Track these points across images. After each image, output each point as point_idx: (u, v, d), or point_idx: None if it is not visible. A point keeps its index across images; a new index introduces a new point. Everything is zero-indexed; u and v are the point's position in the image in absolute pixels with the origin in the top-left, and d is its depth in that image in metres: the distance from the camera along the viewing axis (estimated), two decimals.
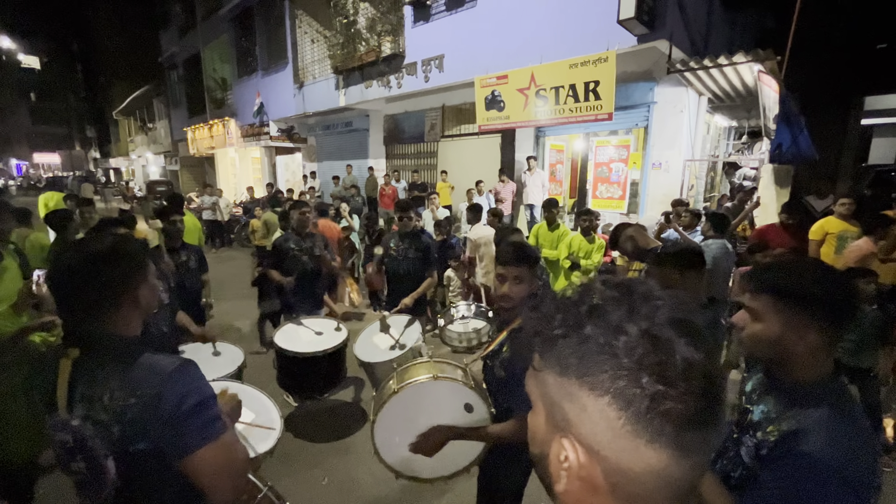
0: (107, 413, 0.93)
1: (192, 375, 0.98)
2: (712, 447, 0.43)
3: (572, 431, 0.43)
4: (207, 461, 0.94)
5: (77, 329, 1.00)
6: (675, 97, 6.24)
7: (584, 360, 0.42)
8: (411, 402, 1.73)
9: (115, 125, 31.30)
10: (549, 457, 0.46)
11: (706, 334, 0.43)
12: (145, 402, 0.92)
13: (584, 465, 0.42)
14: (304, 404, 3.41)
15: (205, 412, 0.96)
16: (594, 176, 7.64)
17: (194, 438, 0.93)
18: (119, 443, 0.93)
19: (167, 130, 21.23)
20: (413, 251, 3.52)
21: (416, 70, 8.19)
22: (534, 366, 0.49)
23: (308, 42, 10.82)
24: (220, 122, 14.95)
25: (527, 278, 1.55)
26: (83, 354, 0.99)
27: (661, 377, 0.39)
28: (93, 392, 0.95)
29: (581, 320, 0.44)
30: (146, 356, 1.00)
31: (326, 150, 12.87)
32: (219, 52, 15.40)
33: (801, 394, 0.95)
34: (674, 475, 0.41)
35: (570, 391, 0.43)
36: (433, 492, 2.72)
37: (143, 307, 1.07)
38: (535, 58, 6.41)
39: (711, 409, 0.41)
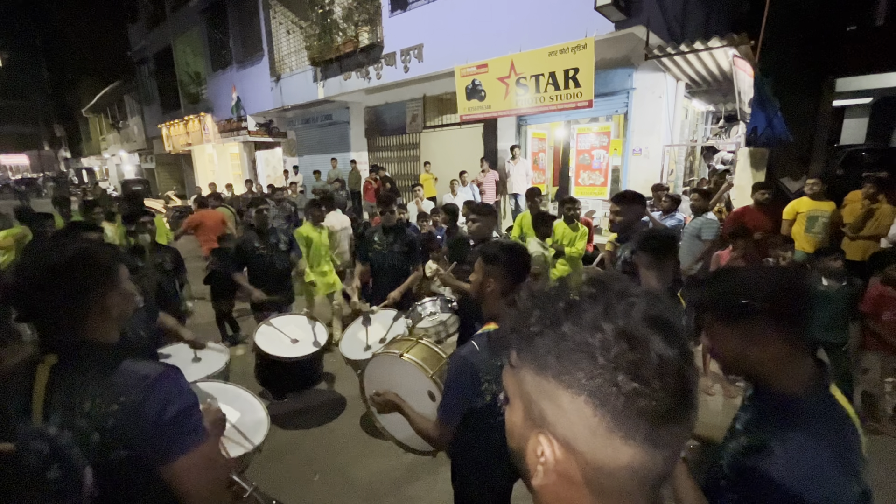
0: (87, 420, 0.92)
1: (174, 383, 0.98)
2: (684, 441, 0.44)
3: (549, 428, 0.44)
4: (187, 469, 0.95)
5: (52, 336, 0.99)
6: (654, 83, 6.30)
7: (560, 359, 0.43)
8: (386, 369, 1.88)
9: (86, 123, 30.20)
10: (527, 452, 0.46)
11: (681, 330, 0.44)
12: (128, 410, 0.91)
13: (560, 461, 0.43)
14: (284, 402, 3.41)
15: (186, 421, 0.96)
16: (576, 163, 7.69)
17: (175, 446, 0.94)
18: (99, 451, 0.93)
19: (140, 128, 20.60)
20: (398, 245, 3.52)
21: (395, 60, 8.08)
22: (511, 363, 0.49)
23: (283, 33, 10.56)
24: (195, 117, 14.56)
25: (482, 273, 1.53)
26: (61, 361, 0.97)
27: (636, 375, 0.40)
28: (72, 399, 0.94)
29: (558, 318, 0.44)
30: (127, 362, 0.98)
31: (307, 143, 12.66)
32: (191, 45, 14.93)
33: (777, 406, 0.90)
34: (646, 469, 0.42)
35: (547, 389, 0.44)
36: (423, 476, 2.76)
37: (116, 314, 1.05)
38: (514, 46, 6.38)
39: (684, 405, 0.42)
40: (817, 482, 0.80)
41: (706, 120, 9.04)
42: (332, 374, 3.86)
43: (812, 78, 9.44)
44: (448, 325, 2.87)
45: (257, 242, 3.56)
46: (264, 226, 3.61)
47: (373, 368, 2.01)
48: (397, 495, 2.69)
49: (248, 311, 4.25)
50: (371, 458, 2.99)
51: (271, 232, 3.65)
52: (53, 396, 0.95)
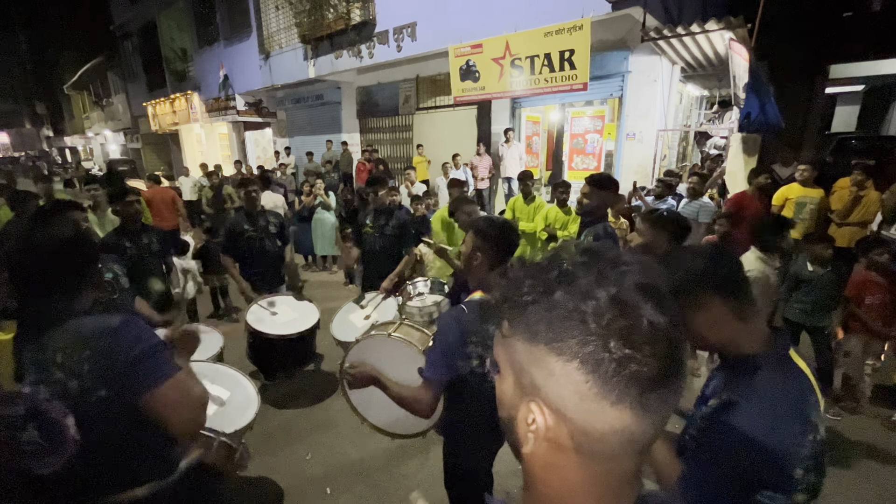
0: (62, 371, 0.99)
1: (137, 326, 1.07)
2: (672, 405, 0.44)
3: (540, 395, 0.44)
4: (165, 397, 1.04)
5: (26, 305, 1.05)
6: (649, 66, 6.24)
7: (552, 326, 0.43)
8: (372, 352, 1.84)
9: (68, 101, 29.28)
10: (517, 420, 0.47)
11: (671, 299, 0.44)
12: (99, 352, 1.00)
13: (550, 428, 0.44)
14: (277, 381, 3.43)
15: (156, 355, 1.05)
16: (570, 147, 7.66)
17: (149, 378, 1.03)
18: (79, 396, 0.99)
19: (125, 106, 20.01)
20: (389, 228, 3.49)
21: (387, 39, 7.89)
22: (502, 332, 0.49)
23: (272, 9, 10.23)
24: (182, 96, 14.18)
25: (471, 246, 1.57)
26: (22, 327, 1.04)
27: (627, 341, 0.40)
28: (44, 356, 1.01)
29: (550, 286, 0.44)
30: (89, 318, 1.06)
31: (297, 124, 12.41)
32: (176, 19, 14.41)
33: (740, 367, 0.97)
34: (636, 433, 0.43)
35: (538, 357, 0.44)
36: (416, 455, 2.80)
37: (97, 289, 1.15)
38: (509, 25, 6.26)
39: (674, 371, 0.42)
40: (778, 428, 0.86)
41: (700, 105, 9.02)
42: (323, 354, 3.86)
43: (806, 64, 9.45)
44: (441, 306, 2.88)
45: (246, 225, 3.48)
46: (253, 208, 3.53)
47: (356, 354, 1.95)
48: (390, 473, 2.74)
49: None
50: (363, 437, 3.01)
51: (261, 214, 3.57)
52: (23, 359, 1.02)
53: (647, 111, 6.42)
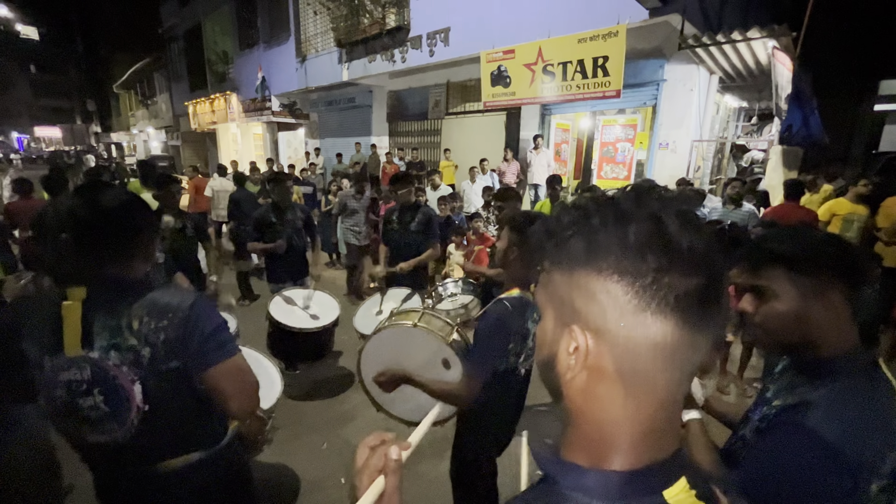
0: (137, 338, 1.02)
1: (208, 304, 1.13)
2: (714, 329, 0.44)
3: (580, 319, 0.45)
4: (227, 373, 1.10)
5: (88, 272, 1.06)
6: (686, 75, 6.10)
7: (592, 248, 0.44)
8: (393, 344, 1.83)
9: (116, 99, 30.91)
10: (558, 354, 0.47)
11: (710, 227, 0.45)
12: (176, 324, 1.03)
13: (591, 351, 0.44)
14: (296, 373, 3.47)
15: (222, 334, 1.11)
16: (599, 156, 7.55)
17: (216, 354, 1.08)
18: (151, 364, 1.02)
19: (168, 105, 20.97)
20: (415, 224, 3.50)
21: (420, 44, 8.00)
22: (544, 269, 0.50)
23: (311, 14, 10.55)
24: (221, 96, 14.74)
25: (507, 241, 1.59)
26: (92, 293, 1.04)
27: (665, 253, 0.41)
28: (118, 322, 1.02)
29: (590, 214, 0.45)
30: (163, 289, 1.09)
31: (329, 126, 12.71)
32: (220, 23, 15.06)
33: (818, 368, 0.87)
34: (678, 350, 0.42)
35: (578, 281, 0.45)
36: (431, 456, 2.77)
37: (151, 258, 1.18)
38: (542, 32, 6.25)
39: (713, 285, 0.43)
40: (857, 439, 0.75)
41: (738, 117, 8.74)
42: (343, 348, 3.89)
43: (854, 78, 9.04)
44: (469, 308, 2.86)
45: (274, 218, 3.57)
46: (283, 201, 3.62)
47: (377, 344, 1.93)
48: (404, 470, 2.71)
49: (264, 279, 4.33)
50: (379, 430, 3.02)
51: (289, 208, 3.66)
52: (93, 324, 1.02)
53: (681, 121, 6.26)
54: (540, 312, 0.52)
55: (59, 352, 1.01)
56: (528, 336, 1.55)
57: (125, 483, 1.13)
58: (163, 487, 1.13)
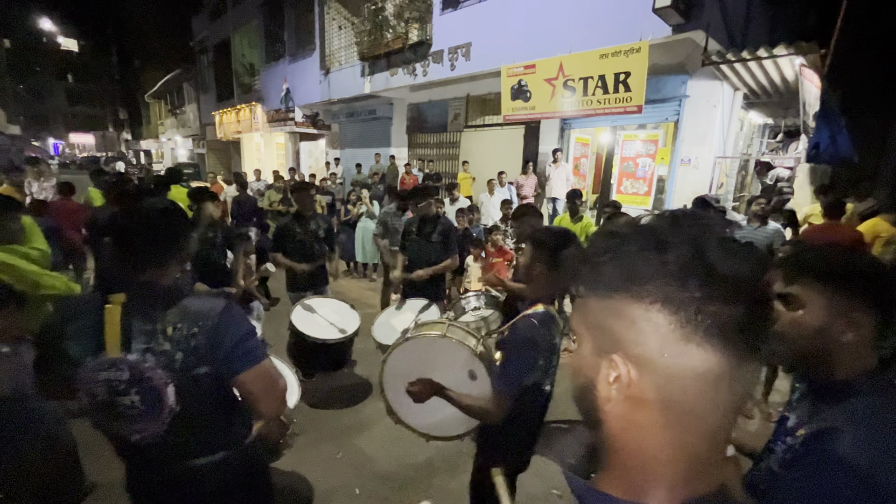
0: (170, 343, 1.06)
1: (238, 311, 1.18)
2: (759, 358, 0.43)
3: (621, 347, 0.44)
4: (256, 378, 1.14)
5: (127, 278, 1.11)
6: (709, 91, 6.04)
7: (630, 275, 0.43)
8: (419, 354, 1.82)
9: (146, 108, 32.15)
10: (597, 382, 0.46)
11: (751, 250, 0.43)
12: (207, 331, 1.08)
13: (633, 380, 0.43)
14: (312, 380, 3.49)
15: (251, 340, 1.15)
16: (619, 171, 7.49)
17: (245, 360, 1.12)
18: (182, 368, 1.07)
19: (196, 114, 21.69)
20: (434, 235, 3.52)
21: (442, 58, 8.14)
22: (579, 295, 0.49)
23: (336, 28, 10.85)
24: (247, 106, 15.19)
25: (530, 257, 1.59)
26: (131, 299, 1.09)
27: (708, 281, 0.40)
28: (153, 327, 1.07)
29: (626, 240, 0.45)
30: (194, 297, 1.14)
31: (349, 137, 12.94)
32: (248, 37, 15.60)
33: (837, 391, 0.86)
34: (723, 380, 0.41)
35: (617, 308, 0.44)
36: (445, 471, 2.75)
37: (184, 265, 1.23)
38: (564, 47, 6.29)
39: (759, 313, 0.41)
40: (887, 462, 0.74)
41: (763, 133, 8.59)
42: (359, 357, 3.90)
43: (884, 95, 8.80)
44: (489, 321, 2.85)
45: (297, 227, 3.62)
46: (306, 211, 3.67)
47: (402, 354, 1.92)
48: (418, 483, 2.69)
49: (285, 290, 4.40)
50: (393, 443, 3.00)
51: (311, 218, 3.71)
52: (132, 328, 1.06)
53: (704, 137, 6.18)
54: (576, 338, 0.51)
55: (100, 352, 1.06)
56: (554, 352, 1.55)
57: (155, 477, 1.19)
58: (189, 483, 1.18)
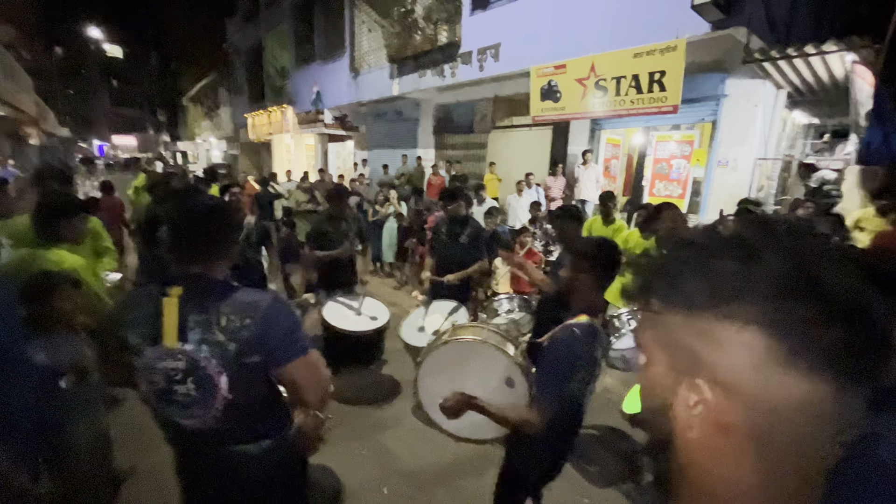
0: (224, 334, 1.11)
1: (284, 304, 1.23)
2: (872, 383, 0.38)
3: (705, 371, 0.40)
4: (303, 368, 1.19)
5: (184, 270, 1.16)
6: (750, 90, 5.80)
7: (719, 291, 0.39)
8: (455, 357, 1.79)
9: (184, 111, 33.48)
10: (674, 407, 0.42)
11: (857, 266, 0.38)
12: (258, 322, 1.12)
13: (721, 408, 0.39)
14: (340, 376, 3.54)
15: (299, 331, 1.20)
16: (652, 172, 7.28)
17: (292, 350, 1.17)
18: (235, 358, 1.12)
19: (229, 116, 22.42)
20: (464, 236, 3.51)
21: (470, 59, 8.12)
22: (652, 310, 0.45)
23: (365, 31, 11.00)
24: (278, 108, 15.59)
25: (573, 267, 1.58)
26: (187, 291, 1.13)
27: (815, 300, 0.36)
28: (208, 318, 1.11)
29: (714, 252, 0.41)
30: (244, 290, 1.18)
31: (376, 138, 13.10)
32: (279, 40, 16.01)
33: (876, 396, 0.82)
34: (826, 410, 0.37)
35: (702, 327, 0.40)
36: (471, 473, 2.72)
37: (232, 260, 1.26)
38: (596, 47, 6.17)
39: (870, 335, 0.36)
40: None
41: (807, 134, 8.18)
42: (386, 356, 3.93)
43: None
44: (521, 324, 2.82)
45: (330, 227, 3.70)
46: (340, 211, 3.74)
47: (439, 356, 1.90)
48: (446, 484, 2.68)
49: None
50: (420, 443, 3.01)
51: (344, 218, 3.78)
52: (188, 319, 1.11)
53: (743, 138, 5.93)
54: (646, 355, 0.47)
55: (158, 342, 1.11)
56: (595, 365, 1.51)
57: (204, 462, 1.24)
58: (236, 468, 1.24)
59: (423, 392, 1.86)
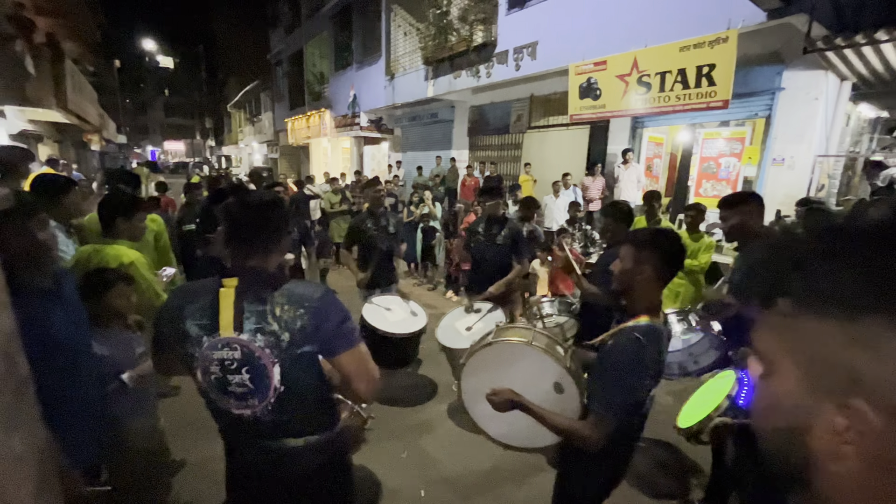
0: (278, 323, 1.12)
1: (336, 296, 1.23)
2: None
3: (865, 390, 0.32)
4: (353, 360, 1.21)
5: (240, 263, 1.18)
6: (810, 82, 5.40)
7: (885, 290, 0.31)
8: (501, 360, 1.72)
9: (229, 117, 35.11)
10: (813, 432, 0.35)
11: None
12: (312, 312, 1.14)
13: (884, 437, 0.32)
14: None
15: (349, 322, 1.21)
16: (698, 172, 6.93)
17: (344, 341, 1.19)
18: (288, 348, 1.13)
19: (271, 122, 23.31)
20: (501, 237, 3.44)
21: (507, 58, 8.03)
22: (781, 312, 0.38)
23: (401, 35, 11.13)
24: (316, 113, 16.04)
25: (631, 260, 1.41)
26: (242, 283, 1.15)
27: None
28: (263, 308, 1.13)
29: (868, 240, 0.33)
30: (294, 281, 1.19)
31: (411, 140, 13.21)
32: (319, 48, 16.50)
33: None
34: None
35: (858, 335, 0.33)
36: (511, 480, 2.65)
37: (284, 253, 1.29)
38: (639, 41, 5.94)
39: None
40: None
41: (874, 129, 7.54)
42: (424, 359, 3.91)
43: None
44: (565, 328, 2.72)
45: (369, 223, 3.73)
46: (377, 208, 3.78)
47: (482, 358, 1.82)
48: (485, 491, 2.62)
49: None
50: (459, 447, 2.96)
51: (382, 215, 3.81)
52: (244, 309, 1.13)
53: (802, 134, 5.53)
54: (768, 367, 0.40)
55: (215, 333, 1.13)
56: (662, 371, 1.39)
57: (254, 454, 1.25)
58: (285, 462, 1.24)
59: (467, 395, 1.81)
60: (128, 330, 1.96)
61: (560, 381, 1.55)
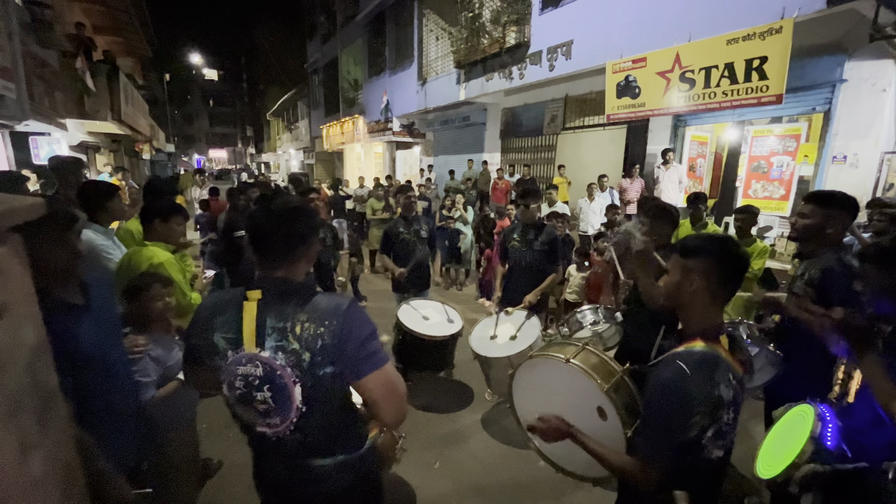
0: (299, 342, 1.06)
1: (362, 311, 1.14)
2: None
3: None
4: (379, 383, 1.11)
5: (264, 273, 1.13)
6: (876, 73, 4.96)
7: None
8: (546, 375, 1.65)
9: (268, 125, 36.51)
10: None
11: None
12: (333, 331, 1.06)
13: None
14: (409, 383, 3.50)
15: (374, 342, 1.12)
16: (747, 172, 6.50)
17: (369, 363, 1.09)
18: (310, 368, 1.06)
19: (307, 129, 24.03)
20: (538, 243, 3.32)
21: (540, 59, 7.88)
22: None
23: (433, 40, 11.17)
24: (350, 119, 16.37)
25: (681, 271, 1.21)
26: (266, 296, 1.10)
27: None
28: (284, 325, 1.07)
29: None
30: (321, 295, 1.12)
31: (443, 144, 13.22)
32: (353, 55, 16.85)
33: None
34: None
35: None
36: (549, 496, 2.52)
37: (312, 262, 1.22)
38: (681, 36, 5.66)
39: None
40: None
41: None
42: (457, 366, 3.84)
43: None
44: (605, 337, 2.58)
45: (402, 228, 3.73)
46: (409, 212, 3.76)
47: (526, 372, 1.76)
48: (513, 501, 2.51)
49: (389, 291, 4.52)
50: (494, 460, 2.87)
51: (415, 219, 3.79)
52: (265, 325, 1.07)
53: (867, 129, 5.09)
54: None
55: (239, 347, 1.09)
56: (720, 405, 1.12)
57: (279, 471, 1.21)
58: (310, 482, 1.19)
59: (519, 407, 1.72)
60: (169, 335, 1.98)
61: (603, 406, 1.43)
